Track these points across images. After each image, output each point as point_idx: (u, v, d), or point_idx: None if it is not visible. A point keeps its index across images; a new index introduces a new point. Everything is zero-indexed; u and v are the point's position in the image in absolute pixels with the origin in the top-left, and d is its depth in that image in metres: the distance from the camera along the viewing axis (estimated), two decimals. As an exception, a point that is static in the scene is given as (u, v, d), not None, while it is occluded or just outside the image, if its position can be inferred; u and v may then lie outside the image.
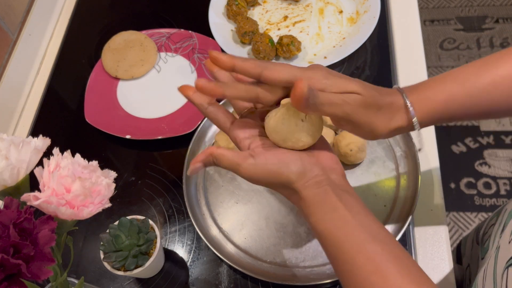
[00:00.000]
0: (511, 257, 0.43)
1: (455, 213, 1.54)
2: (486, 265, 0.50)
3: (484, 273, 0.49)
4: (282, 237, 0.66)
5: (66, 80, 0.92)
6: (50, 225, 0.37)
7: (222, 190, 0.71)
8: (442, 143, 1.22)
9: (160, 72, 0.88)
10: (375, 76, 0.81)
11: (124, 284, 0.66)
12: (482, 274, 0.50)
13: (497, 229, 0.57)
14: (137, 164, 0.78)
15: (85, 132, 0.82)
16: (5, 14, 0.87)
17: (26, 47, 0.92)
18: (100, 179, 0.42)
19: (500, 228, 0.55)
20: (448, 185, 1.58)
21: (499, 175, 1.59)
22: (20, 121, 0.87)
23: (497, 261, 0.47)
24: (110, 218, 0.72)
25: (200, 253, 0.68)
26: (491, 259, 0.49)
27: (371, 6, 0.86)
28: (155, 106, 0.83)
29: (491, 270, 0.47)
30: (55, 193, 0.39)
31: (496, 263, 0.47)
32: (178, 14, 0.97)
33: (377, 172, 0.70)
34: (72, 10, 1.01)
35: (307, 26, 0.89)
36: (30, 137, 0.44)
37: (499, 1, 2.01)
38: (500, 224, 0.55)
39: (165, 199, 0.73)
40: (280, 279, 0.62)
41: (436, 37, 1.95)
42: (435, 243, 0.64)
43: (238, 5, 0.89)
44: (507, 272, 0.43)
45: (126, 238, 0.58)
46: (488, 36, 1.92)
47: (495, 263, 0.47)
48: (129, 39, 0.90)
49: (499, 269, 0.45)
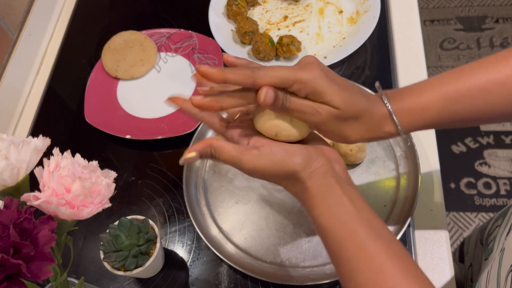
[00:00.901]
0: None
1: (455, 213, 1.54)
2: (490, 267, 0.50)
3: (488, 275, 0.49)
4: (282, 237, 0.66)
5: (66, 80, 0.92)
6: (50, 225, 0.37)
7: (222, 190, 0.71)
8: (442, 143, 1.22)
9: (160, 72, 0.88)
10: (375, 76, 0.81)
11: (124, 284, 0.66)
12: (485, 275, 0.50)
13: (502, 230, 0.57)
14: (137, 164, 0.78)
15: (85, 132, 0.82)
16: (5, 14, 0.87)
17: (26, 47, 0.92)
18: (100, 179, 0.42)
19: (506, 230, 0.55)
20: (448, 185, 1.58)
21: (499, 175, 1.59)
22: (20, 121, 0.87)
23: (501, 264, 0.46)
24: (110, 218, 0.72)
25: (200, 253, 0.68)
26: (495, 261, 0.49)
27: (371, 6, 0.86)
28: (155, 106, 0.83)
29: (495, 272, 0.47)
30: (55, 193, 0.39)
31: (500, 266, 0.46)
32: (178, 14, 0.97)
33: (377, 172, 0.70)
34: (72, 10, 1.01)
35: (307, 26, 0.89)
36: (30, 137, 0.44)
37: (499, 1, 2.01)
38: (506, 226, 0.55)
39: (165, 199, 0.73)
40: (280, 279, 0.62)
41: (436, 37, 1.95)
42: (435, 243, 0.64)
43: (238, 5, 0.89)
44: (511, 276, 0.43)
45: (126, 238, 0.58)
46: (488, 36, 1.92)
47: (499, 266, 0.47)
48: (129, 39, 0.90)
49: (503, 272, 0.45)
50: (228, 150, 0.42)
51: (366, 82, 0.80)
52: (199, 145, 0.43)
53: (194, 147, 0.43)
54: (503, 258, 0.47)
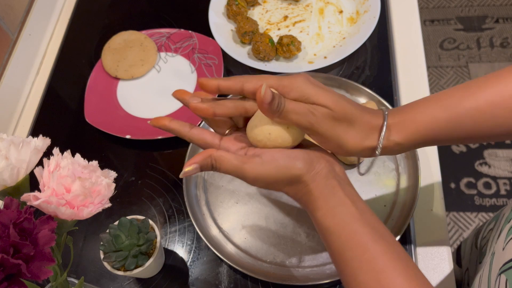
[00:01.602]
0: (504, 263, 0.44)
1: (455, 213, 1.54)
2: (482, 270, 0.50)
3: (480, 278, 0.50)
4: (282, 237, 0.66)
5: (66, 80, 0.92)
6: (50, 225, 0.37)
7: (222, 190, 0.71)
8: (442, 143, 1.21)
9: (160, 72, 0.88)
10: (375, 76, 0.81)
11: (124, 284, 0.67)
12: (478, 279, 0.50)
13: (494, 234, 0.57)
14: (137, 164, 0.78)
15: (85, 132, 0.82)
16: (5, 14, 0.87)
17: (26, 47, 0.92)
18: (100, 179, 0.42)
19: (497, 234, 0.55)
20: (448, 185, 1.58)
21: (499, 175, 1.59)
22: (20, 121, 0.87)
23: (491, 267, 0.47)
24: (110, 218, 0.72)
25: (200, 253, 0.68)
26: (486, 265, 0.49)
27: (371, 6, 0.86)
28: (155, 106, 0.83)
29: (486, 275, 0.47)
30: (55, 193, 0.39)
31: (491, 269, 0.47)
32: (178, 14, 0.97)
33: (377, 172, 0.70)
34: (72, 10, 1.01)
35: (307, 26, 0.89)
36: (30, 137, 0.44)
37: (499, 1, 2.01)
38: (497, 230, 0.55)
39: (165, 199, 0.73)
40: (280, 279, 0.62)
41: (436, 37, 1.95)
42: (435, 243, 0.64)
43: (238, 5, 0.89)
44: (499, 279, 0.43)
45: (126, 238, 0.58)
46: (488, 36, 1.92)
47: (490, 269, 0.47)
48: (129, 39, 0.90)
49: (493, 275, 0.45)
50: (229, 159, 0.42)
51: (366, 82, 0.80)
52: (199, 156, 0.43)
53: (193, 159, 0.43)
54: (493, 262, 0.47)
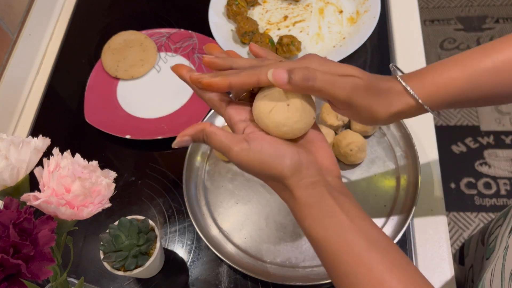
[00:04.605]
0: None
1: (455, 213, 1.54)
2: (494, 265, 0.50)
3: (492, 273, 0.49)
4: (282, 237, 0.66)
5: (66, 80, 0.92)
6: (50, 225, 0.37)
7: (222, 190, 0.71)
8: (442, 143, 1.22)
9: (160, 72, 0.88)
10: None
11: (124, 284, 0.66)
12: (489, 274, 0.50)
13: (504, 229, 0.57)
14: (137, 164, 0.78)
15: (85, 132, 0.82)
16: (5, 14, 0.87)
17: (26, 47, 0.92)
18: (100, 179, 0.42)
19: (508, 228, 0.55)
20: (448, 185, 1.58)
21: (499, 175, 1.59)
22: (20, 121, 0.87)
23: (505, 261, 0.46)
24: (110, 218, 0.72)
25: (200, 253, 0.68)
26: (499, 259, 0.49)
27: (371, 6, 0.86)
28: (155, 106, 0.83)
29: (499, 270, 0.47)
30: (55, 193, 0.39)
31: (504, 263, 0.46)
32: (178, 14, 0.97)
33: (377, 172, 0.70)
34: (72, 10, 1.01)
35: (307, 26, 0.89)
36: (30, 137, 0.44)
37: (499, 1, 2.01)
38: (509, 225, 0.55)
39: (165, 199, 0.73)
40: (280, 279, 0.62)
41: (436, 37, 1.95)
42: (435, 243, 0.64)
43: (238, 5, 0.89)
44: None
45: (126, 238, 0.58)
46: (488, 36, 1.92)
47: (503, 263, 0.47)
48: (129, 39, 0.90)
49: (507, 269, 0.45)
50: (220, 138, 0.41)
51: (366, 82, 0.80)
52: (192, 129, 0.42)
53: (187, 131, 0.42)
54: (507, 256, 0.47)
